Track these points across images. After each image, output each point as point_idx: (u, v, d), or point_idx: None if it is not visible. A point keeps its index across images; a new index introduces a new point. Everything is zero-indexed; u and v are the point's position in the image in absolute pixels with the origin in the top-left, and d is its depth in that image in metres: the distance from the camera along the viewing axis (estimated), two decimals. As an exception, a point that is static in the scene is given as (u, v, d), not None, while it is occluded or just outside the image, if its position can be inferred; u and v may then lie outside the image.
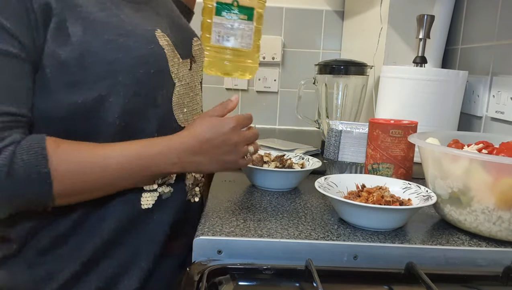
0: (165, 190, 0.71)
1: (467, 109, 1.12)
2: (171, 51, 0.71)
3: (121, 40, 0.64)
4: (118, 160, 0.62)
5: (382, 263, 0.61)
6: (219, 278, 0.56)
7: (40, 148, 0.58)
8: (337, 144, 0.95)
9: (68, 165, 0.60)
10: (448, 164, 0.68)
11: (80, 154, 0.61)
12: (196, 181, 0.79)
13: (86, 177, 0.61)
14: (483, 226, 0.65)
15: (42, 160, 0.57)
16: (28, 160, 0.57)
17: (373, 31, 1.31)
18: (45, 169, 0.57)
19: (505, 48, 0.99)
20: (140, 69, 0.65)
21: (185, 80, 0.75)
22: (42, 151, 0.58)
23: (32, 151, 0.57)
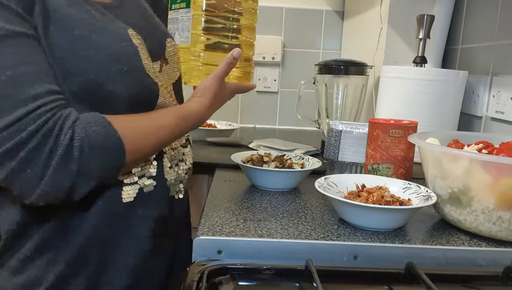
0: (146, 182, 0.69)
1: (467, 109, 1.12)
2: (144, 51, 0.69)
3: (93, 37, 0.62)
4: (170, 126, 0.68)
5: (382, 263, 0.61)
6: (219, 278, 0.56)
7: (102, 118, 0.59)
8: (337, 144, 0.95)
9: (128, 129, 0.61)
10: (448, 164, 0.68)
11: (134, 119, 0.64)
12: (179, 177, 0.77)
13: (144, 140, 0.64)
14: (483, 226, 0.65)
15: (110, 128, 0.59)
16: (100, 131, 0.58)
17: (373, 31, 1.31)
18: (116, 134, 0.59)
19: (505, 48, 0.99)
20: (113, 67, 0.63)
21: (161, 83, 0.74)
22: (105, 121, 0.59)
23: (98, 123, 0.58)
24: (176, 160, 0.77)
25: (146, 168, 0.70)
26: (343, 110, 1.21)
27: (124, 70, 0.64)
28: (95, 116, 0.59)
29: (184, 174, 0.79)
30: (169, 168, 0.74)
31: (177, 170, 0.77)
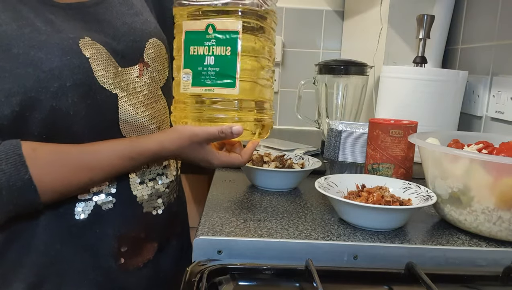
0: (103, 199, 0.67)
1: (467, 109, 1.12)
2: (102, 60, 0.64)
3: (32, 53, 0.59)
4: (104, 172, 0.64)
5: (382, 263, 0.61)
6: (219, 278, 0.56)
7: (17, 155, 0.58)
8: (337, 144, 0.95)
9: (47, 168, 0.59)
10: (448, 164, 0.68)
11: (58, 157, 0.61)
12: (156, 192, 0.74)
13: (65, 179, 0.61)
14: (483, 226, 0.65)
15: (21, 168, 0.57)
16: (7, 170, 0.57)
17: (373, 31, 1.31)
18: (25, 175, 0.57)
19: (505, 48, 0.99)
20: (54, 83, 0.59)
21: (133, 89, 0.69)
22: (20, 158, 0.57)
23: (10, 160, 0.57)
24: (152, 174, 0.73)
25: (102, 185, 0.67)
26: (343, 110, 1.21)
27: (66, 86, 0.60)
28: (11, 151, 0.57)
29: (165, 188, 0.76)
30: (138, 184, 0.71)
31: (153, 185, 0.73)
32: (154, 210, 0.74)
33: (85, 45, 0.63)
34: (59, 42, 0.61)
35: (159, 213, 0.75)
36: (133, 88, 0.69)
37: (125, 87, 0.68)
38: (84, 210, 0.66)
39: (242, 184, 0.88)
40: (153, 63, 0.73)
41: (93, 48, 0.64)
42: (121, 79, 0.67)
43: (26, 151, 0.58)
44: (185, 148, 0.65)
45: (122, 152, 0.64)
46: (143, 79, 0.71)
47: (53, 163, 0.60)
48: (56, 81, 0.60)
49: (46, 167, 0.59)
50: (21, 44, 0.59)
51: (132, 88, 0.69)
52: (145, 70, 0.71)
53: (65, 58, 0.61)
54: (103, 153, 0.63)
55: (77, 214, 0.66)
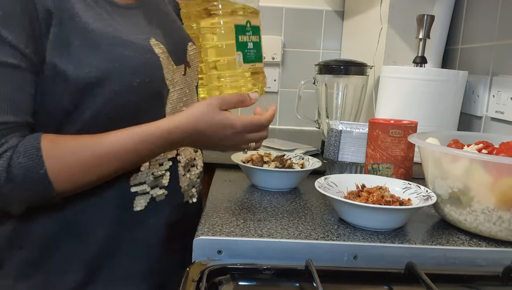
0: (158, 192, 0.71)
1: (467, 109, 1.12)
2: (165, 59, 0.71)
3: (117, 51, 0.64)
4: (115, 157, 0.63)
5: (382, 263, 0.61)
6: (219, 278, 0.56)
7: (35, 149, 0.59)
8: (337, 144, 0.95)
9: (64, 166, 0.60)
10: (448, 164, 0.68)
11: (74, 153, 0.61)
12: (191, 182, 0.79)
13: (83, 176, 0.62)
14: (483, 226, 0.65)
15: (38, 162, 0.58)
16: (25, 163, 0.58)
17: (373, 31, 1.31)
18: (41, 169, 0.58)
19: (505, 48, 0.99)
20: (136, 78, 0.65)
21: (179, 85, 0.75)
22: (37, 152, 0.58)
23: (28, 153, 0.58)
24: (189, 166, 0.78)
25: (159, 179, 0.72)
26: (343, 110, 1.21)
27: (146, 82, 0.66)
28: (30, 146, 0.59)
29: (196, 178, 0.81)
30: (182, 175, 0.76)
31: (189, 176, 0.78)
32: (190, 199, 0.79)
33: (154, 45, 0.69)
34: (137, 42, 0.67)
35: (193, 201, 0.79)
36: (179, 85, 0.75)
37: (175, 84, 0.74)
38: (142, 203, 0.70)
39: (242, 184, 0.88)
40: (192, 64, 0.80)
41: (159, 48, 0.70)
42: (173, 77, 0.73)
43: (45, 144, 0.59)
44: (202, 117, 0.65)
45: (133, 133, 0.64)
46: (186, 78, 0.78)
47: (70, 153, 0.61)
48: (138, 77, 0.65)
49: (62, 159, 0.60)
50: (106, 42, 0.64)
51: (179, 85, 0.75)
52: (187, 70, 0.78)
53: (144, 57, 0.67)
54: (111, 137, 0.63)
55: (135, 206, 0.69)
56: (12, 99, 0.59)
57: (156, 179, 0.71)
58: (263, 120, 0.70)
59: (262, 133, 0.72)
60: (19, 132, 0.60)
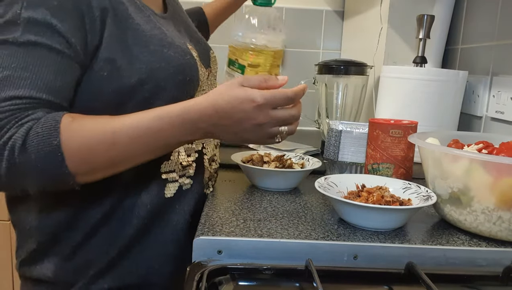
0: (185, 181, 0.77)
1: (467, 109, 1.12)
2: (199, 62, 0.78)
3: (164, 51, 0.70)
4: (128, 134, 0.62)
5: (382, 263, 0.61)
6: (219, 278, 0.56)
7: (54, 121, 0.59)
8: (337, 144, 0.95)
9: (77, 140, 0.60)
10: (448, 164, 0.68)
11: (90, 129, 0.61)
12: (211, 175, 0.84)
13: (95, 153, 0.61)
14: (483, 226, 0.65)
15: (53, 133, 0.58)
16: (41, 133, 0.58)
17: (373, 31, 1.31)
18: (55, 140, 0.58)
19: (505, 48, 0.99)
20: (179, 76, 0.71)
21: (203, 88, 0.81)
22: (55, 124, 0.59)
23: (47, 125, 0.59)
24: (211, 160, 0.84)
25: (187, 168, 0.77)
26: (343, 110, 1.21)
27: (187, 80, 0.73)
28: (51, 118, 0.59)
29: (214, 173, 0.86)
30: (207, 168, 0.82)
31: (210, 169, 0.83)
32: (207, 189, 0.83)
33: (191, 49, 0.77)
34: (180, 44, 0.74)
35: (207, 192, 0.83)
36: (203, 88, 0.81)
37: (202, 86, 0.80)
38: (172, 190, 0.75)
39: (242, 184, 0.88)
40: (213, 70, 0.87)
41: (194, 51, 0.77)
42: (202, 79, 0.79)
43: (65, 119, 0.60)
44: (221, 94, 0.63)
45: (151, 111, 0.63)
46: (208, 81, 0.83)
47: (87, 129, 0.61)
48: (181, 75, 0.71)
49: (76, 134, 0.60)
50: (155, 42, 0.70)
51: (203, 88, 0.81)
52: (210, 74, 0.85)
53: (186, 58, 0.73)
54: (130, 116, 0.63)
55: (166, 193, 0.74)
56: (49, 80, 0.61)
57: (184, 168, 0.76)
58: (289, 93, 0.64)
59: (291, 111, 0.65)
60: (47, 110, 0.61)
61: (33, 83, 0.60)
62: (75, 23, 0.62)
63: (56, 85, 0.62)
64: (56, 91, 0.62)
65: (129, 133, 0.62)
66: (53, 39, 0.61)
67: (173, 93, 0.70)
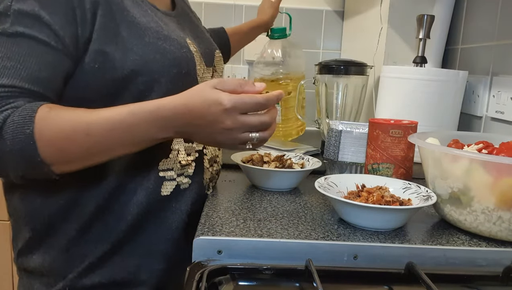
0: (183, 180, 0.76)
1: (467, 109, 1.12)
2: (198, 58, 0.78)
3: (159, 43, 0.70)
4: (102, 126, 0.62)
5: (382, 263, 0.61)
6: (219, 278, 0.56)
7: (31, 110, 0.60)
8: (337, 144, 0.95)
9: (51, 130, 0.61)
10: (448, 164, 0.68)
11: (65, 120, 0.62)
12: (212, 177, 0.83)
13: (69, 143, 0.62)
14: (483, 226, 0.65)
15: (28, 121, 0.59)
16: (17, 121, 0.60)
17: (373, 31, 1.31)
18: (28, 129, 0.59)
19: (505, 48, 0.99)
20: (174, 69, 0.71)
21: None
22: (31, 113, 0.60)
23: (23, 113, 0.60)
24: (212, 161, 0.83)
25: (186, 168, 0.76)
26: (343, 110, 1.21)
27: (182, 73, 0.72)
28: (28, 107, 0.60)
29: (216, 174, 0.85)
30: (207, 168, 0.81)
31: (211, 170, 0.82)
32: (208, 191, 0.82)
33: (190, 44, 0.77)
34: (177, 38, 0.74)
35: (208, 193, 0.82)
36: None
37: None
38: (168, 188, 0.74)
39: (242, 184, 0.88)
40: (218, 69, 0.87)
41: (193, 47, 0.77)
42: (203, 76, 0.79)
43: (43, 109, 0.61)
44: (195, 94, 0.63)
45: (124, 106, 0.63)
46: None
47: (61, 119, 0.62)
48: (176, 68, 0.71)
49: (51, 124, 0.61)
50: (150, 34, 0.70)
51: None
52: (214, 73, 0.85)
53: (182, 51, 0.73)
54: (107, 109, 0.63)
55: (163, 191, 0.74)
56: (34, 71, 0.62)
57: (183, 167, 0.76)
58: (260, 98, 0.62)
59: (261, 117, 0.64)
60: (29, 99, 0.62)
61: (17, 72, 0.61)
62: (65, 16, 0.63)
63: (40, 76, 0.62)
64: (40, 82, 0.62)
65: (103, 125, 0.62)
66: (41, 31, 0.62)
67: (168, 86, 0.70)
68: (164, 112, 0.63)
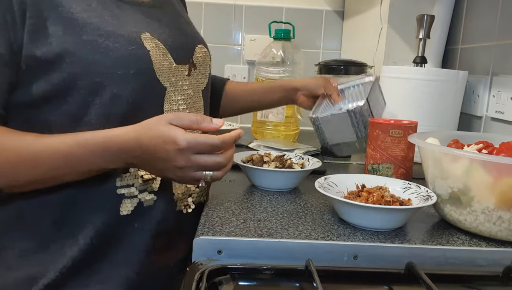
0: (146, 197, 0.69)
1: (467, 109, 1.12)
2: (160, 54, 0.69)
3: (100, 41, 0.63)
4: (49, 157, 0.60)
5: (382, 263, 0.61)
6: (219, 278, 0.56)
7: None
8: (321, 130, 0.97)
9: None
10: (448, 164, 0.68)
11: (10, 150, 0.60)
12: (188, 191, 0.75)
13: (16, 173, 0.61)
14: (483, 226, 0.65)
15: None
16: None
17: (373, 31, 1.31)
18: None
19: (505, 48, 0.99)
20: (118, 70, 0.64)
21: (180, 86, 0.73)
22: None
23: None
24: None
25: (149, 183, 0.69)
26: (343, 110, 1.21)
27: (130, 74, 0.64)
28: None
29: (195, 187, 0.76)
30: (173, 183, 0.72)
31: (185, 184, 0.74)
32: (185, 208, 0.75)
33: (146, 39, 0.68)
34: (125, 33, 0.66)
35: (188, 211, 0.75)
36: (180, 85, 0.73)
37: (174, 82, 0.72)
38: (128, 207, 0.67)
39: (242, 184, 0.88)
40: (199, 66, 0.78)
41: (153, 43, 0.69)
42: (172, 75, 0.71)
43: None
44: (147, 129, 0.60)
45: (71, 136, 0.61)
46: (190, 79, 0.76)
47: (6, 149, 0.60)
48: (121, 69, 0.64)
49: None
50: (90, 32, 0.63)
51: (180, 85, 0.73)
52: (192, 71, 0.77)
53: (130, 48, 0.65)
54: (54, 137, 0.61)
55: (121, 210, 0.67)
56: None
57: (146, 182, 0.68)
58: (216, 139, 0.60)
59: (217, 158, 0.61)
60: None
61: None
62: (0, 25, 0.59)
63: None
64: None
65: (49, 156, 0.60)
66: None
67: (114, 90, 0.63)
68: (112, 146, 0.60)
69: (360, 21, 1.51)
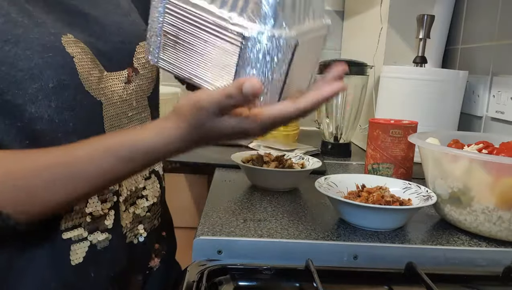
0: (99, 237, 0.58)
1: (467, 109, 1.12)
2: (87, 61, 0.55)
3: (7, 49, 0.49)
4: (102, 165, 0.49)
5: (382, 263, 0.61)
6: (219, 278, 0.55)
7: None
8: None
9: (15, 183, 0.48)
10: (448, 164, 0.68)
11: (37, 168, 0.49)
12: (137, 218, 0.65)
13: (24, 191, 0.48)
14: (483, 226, 0.65)
15: None
16: None
17: (373, 31, 1.31)
18: None
19: (505, 48, 0.99)
20: (33, 84, 0.50)
21: (118, 97, 0.60)
22: None
23: None
24: (133, 198, 0.64)
25: (100, 220, 0.58)
26: (343, 110, 1.21)
27: (48, 87, 0.50)
28: None
29: (145, 212, 0.66)
30: (123, 212, 0.62)
31: (134, 210, 0.64)
32: (135, 238, 0.65)
33: (68, 43, 0.53)
34: (39, 36, 0.51)
35: (140, 240, 0.66)
36: (118, 97, 0.60)
37: (110, 94, 0.58)
38: (79, 253, 0.56)
39: (242, 184, 0.88)
40: (142, 70, 0.64)
41: (77, 47, 0.54)
42: (105, 85, 0.58)
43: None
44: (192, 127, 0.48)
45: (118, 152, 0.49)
46: (131, 87, 0.62)
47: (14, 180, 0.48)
48: (35, 82, 0.50)
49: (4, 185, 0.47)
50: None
51: (118, 96, 0.60)
52: (133, 77, 0.62)
53: (46, 56, 0.51)
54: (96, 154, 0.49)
55: (72, 259, 0.56)
56: None
57: (96, 220, 0.57)
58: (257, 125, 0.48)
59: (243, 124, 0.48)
60: None
61: None
62: None
63: None
64: None
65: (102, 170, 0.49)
66: None
67: (31, 110, 0.50)
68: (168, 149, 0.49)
69: (360, 21, 1.51)
